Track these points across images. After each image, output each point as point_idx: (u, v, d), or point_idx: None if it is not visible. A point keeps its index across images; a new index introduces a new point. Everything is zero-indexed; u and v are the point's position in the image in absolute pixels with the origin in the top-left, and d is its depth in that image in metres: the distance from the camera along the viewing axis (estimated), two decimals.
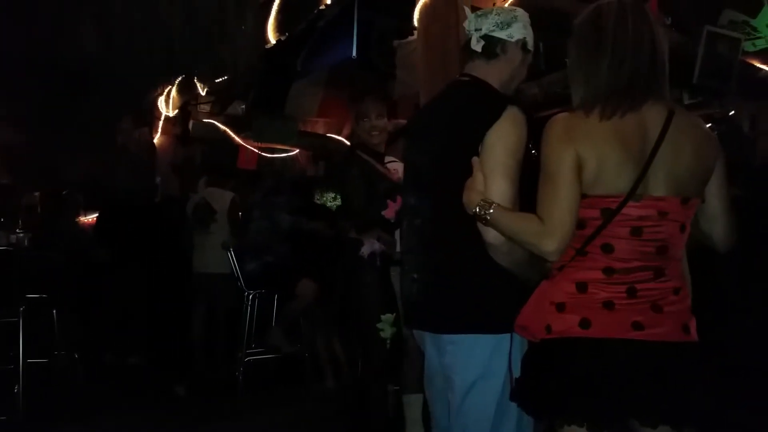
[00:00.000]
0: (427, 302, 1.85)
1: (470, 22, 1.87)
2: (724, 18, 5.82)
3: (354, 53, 3.95)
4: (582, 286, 1.52)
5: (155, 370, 4.89)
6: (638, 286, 1.50)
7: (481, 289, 1.75)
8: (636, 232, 1.49)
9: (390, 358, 2.74)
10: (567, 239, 1.48)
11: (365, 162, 2.85)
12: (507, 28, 1.84)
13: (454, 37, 2.86)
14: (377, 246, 2.77)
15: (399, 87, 4.39)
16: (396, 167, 2.96)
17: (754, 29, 5.93)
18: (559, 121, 1.54)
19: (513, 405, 1.70)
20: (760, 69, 4.80)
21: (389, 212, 2.78)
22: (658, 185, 1.50)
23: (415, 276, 1.89)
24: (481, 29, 1.84)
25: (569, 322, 1.51)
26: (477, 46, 1.84)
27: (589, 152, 1.47)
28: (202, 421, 3.92)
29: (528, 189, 1.63)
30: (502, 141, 1.68)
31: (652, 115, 1.51)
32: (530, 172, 1.65)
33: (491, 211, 1.59)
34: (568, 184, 1.47)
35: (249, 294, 4.62)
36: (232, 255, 4.66)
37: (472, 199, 1.63)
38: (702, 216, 1.61)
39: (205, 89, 5.92)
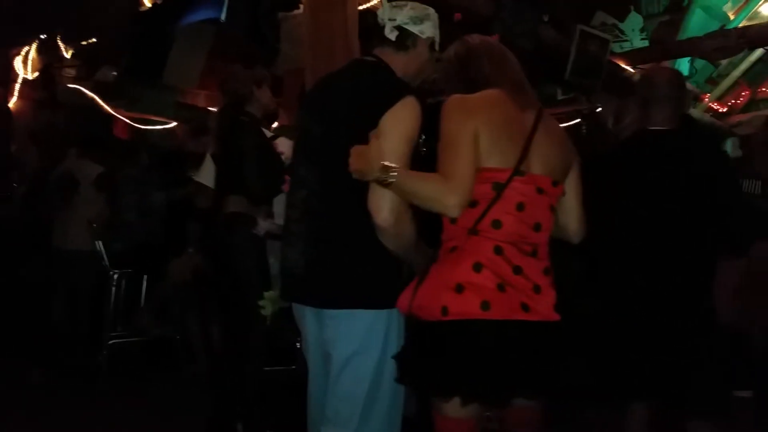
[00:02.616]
0: (309, 276, 1.83)
1: (384, 11, 1.90)
2: (596, 19, 6.20)
3: (223, 16, 3.75)
4: (478, 267, 1.61)
5: (7, 355, 4.48)
6: (522, 264, 1.62)
7: (362, 264, 1.76)
8: (520, 207, 1.63)
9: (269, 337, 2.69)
10: (468, 195, 1.58)
11: (261, 131, 2.73)
12: (420, 24, 1.88)
13: (341, 14, 2.82)
14: (272, 224, 2.67)
15: (283, 61, 4.26)
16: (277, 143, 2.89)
17: (622, 32, 6.37)
18: (458, 98, 1.70)
19: (387, 380, 1.76)
20: (625, 69, 5.13)
21: (288, 187, 2.69)
22: (535, 165, 1.68)
23: (298, 249, 1.86)
24: (395, 20, 1.87)
25: (470, 304, 1.58)
26: (391, 35, 1.87)
27: (484, 126, 1.63)
28: (58, 408, 3.63)
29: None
30: (397, 126, 1.70)
31: (526, 108, 1.75)
32: (419, 164, 1.71)
33: (394, 173, 1.59)
34: (467, 147, 1.60)
35: (114, 274, 4.35)
36: (96, 232, 4.35)
37: (372, 164, 1.61)
38: (560, 209, 1.78)
39: (70, 51, 5.46)
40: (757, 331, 3.14)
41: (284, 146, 3.17)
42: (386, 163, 1.61)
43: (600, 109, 5.99)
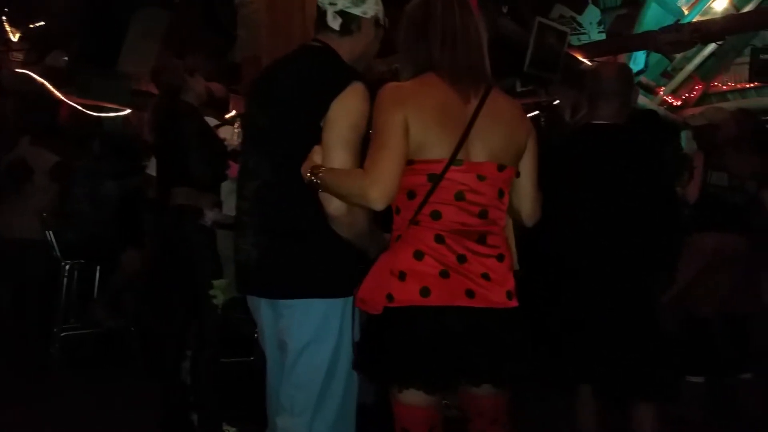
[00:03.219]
0: (263, 267, 1.80)
1: None
2: (555, 12, 6.28)
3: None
4: (419, 254, 1.59)
5: None
6: (467, 253, 1.59)
7: (317, 254, 1.74)
8: (459, 196, 1.59)
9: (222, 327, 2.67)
10: (392, 188, 1.55)
11: (202, 118, 2.69)
12: (361, 4, 1.82)
13: None
14: (219, 214, 2.63)
15: (241, 48, 4.18)
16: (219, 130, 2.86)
17: (580, 25, 6.47)
18: (391, 88, 1.64)
19: (342, 368, 1.77)
20: (582, 62, 5.20)
21: (233, 172, 2.65)
22: (476, 152, 1.62)
23: (250, 241, 1.83)
24: (336, 4, 1.81)
25: (410, 290, 1.58)
26: (334, 23, 1.82)
27: (415, 117, 1.58)
28: (7, 402, 3.51)
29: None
30: (345, 114, 1.68)
31: (470, 90, 1.65)
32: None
33: (320, 174, 1.60)
34: (394, 139, 1.56)
35: (66, 265, 4.23)
36: (47, 221, 4.22)
37: (304, 170, 1.64)
38: (513, 192, 1.75)
39: (18, 35, 5.26)
40: (715, 318, 3.24)
41: (227, 133, 3.13)
42: (314, 166, 1.61)
43: (558, 101, 6.08)
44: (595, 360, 2.24)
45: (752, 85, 6.89)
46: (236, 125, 3.28)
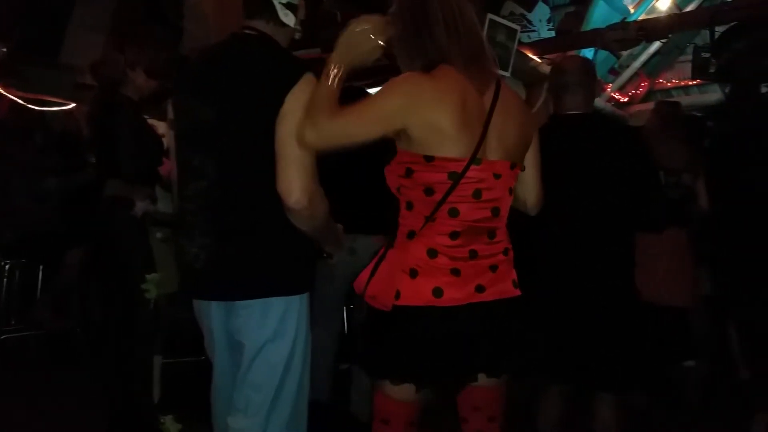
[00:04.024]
0: (215, 269, 1.76)
1: None
2: (506, 9, 6.34)
3: None
4: (432, 252, 1.58)
5: None
6: (477, 248, 1.60)
7: (273, 252, 1.72)
8: (477, 194, 1.59)
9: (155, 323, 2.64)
10: (328, 144, 1.55)
11: (136, 111, 2.65)
12: None
13: None
14: (150, 205, 2.60)
15: (188, 41, 4.08)
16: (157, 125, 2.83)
17: (530, 22, 6.56)
18: (410, 80, 1.57)
19: (297, 366, 1.76)
20: (532, 59, 5.27)
21: (166, 168, 2.61)
22: (492, 150, 1.61)
23: (198, 243, 1.78)
24: None
25: (422, 289, 1.57)
26: (287, 19, 1.78)
27: (431, 116, 1.53)
28: None
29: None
30: (300, 106, 1.63)
31: (484, 85, 1.62)
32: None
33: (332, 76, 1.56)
34: (376, 126, 1.54)
35: (6, 264, 4.11)
36: None
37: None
38: (520, 182, 1.75)
39: None
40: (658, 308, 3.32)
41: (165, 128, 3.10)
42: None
43: None
44: (573, 355, 2.28)
45: (695, 82, 7.10)
46: None
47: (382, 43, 1.60)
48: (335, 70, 1.57)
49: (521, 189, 1.79)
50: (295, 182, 1.59)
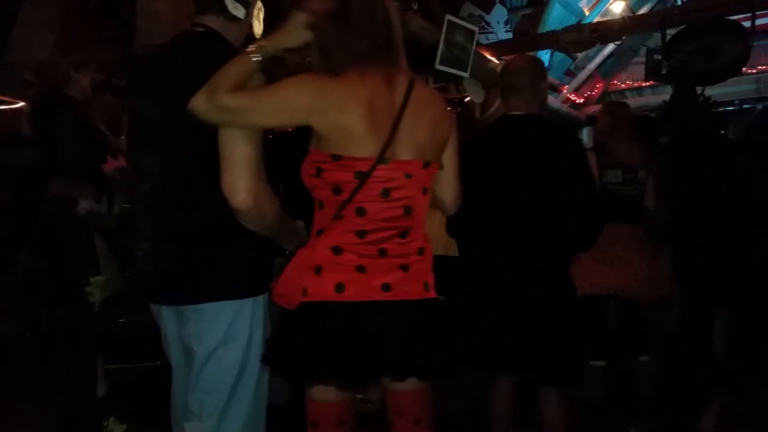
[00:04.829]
0: (164, 273, 1.72)
1: None
2: (464, 10, 6.41)
3: None
4: (337, 249, 1.57)
5: None
6: (387, 247, 1.59)
7: (225, 254, 1.68)
8: (385, 194, 1.58)
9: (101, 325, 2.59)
10: (217, 116, 1.50)
11: (78, 111, 2.60)
12: None
13: None
14: (93, 204, 2.54)
15: (141, 38, 3.98)
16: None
17: (488, 24, 6.63)
18: (320, 79, 1.56)
19: (252, 369, 1.72)
20: (490, 60, 5.33)
21: (109, 166, 2.57)
22: (403, 149, 1.59)
23: (147, 246, 1.74)
24: None
25: (325, 285, 1.55)
26: (238, 12, 1.75)
27: (338, 116, 1.52)
28: None
29: None
30: None
31: (396, 84, 1.60)
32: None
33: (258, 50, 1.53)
34: (277, 109, 1.53)
35: None
36: None
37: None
38: (437, 183, 1.75)
39: None
40: (612, 304, 3.40)
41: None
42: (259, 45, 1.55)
43: (469, 98, 6.21)
44: (513, 352, 2.31)
45: (648, 83, 7.30)
46: None
47: (307, 38, 1.59)
48: (256, 48, 1.55)
49: (439, 188, 1.77)
50: (239, 182, 1.55)
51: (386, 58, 1.60)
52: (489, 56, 5.46)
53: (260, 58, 1.55)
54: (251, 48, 1.56)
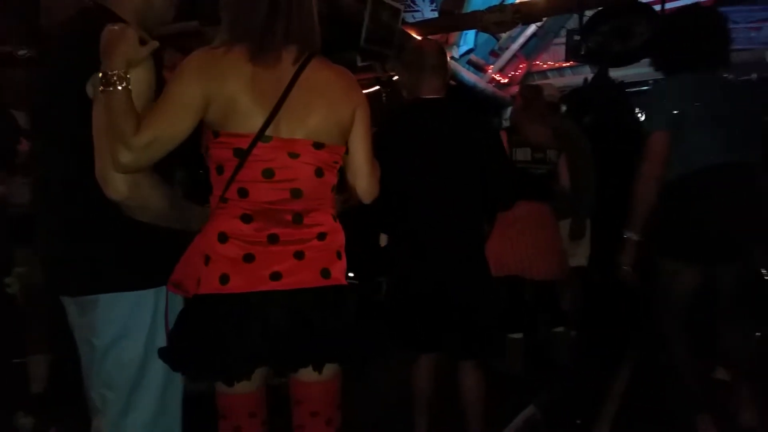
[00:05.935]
0: (61, 262, 1.64)
1: None
2: None
3: None
4: (223, 237, 1.50)
5: None
6: (279, 232, 1.51)
7: (119, 242, 1.59)
8: (268, 174, 1.50)
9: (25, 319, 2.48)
10: (146, 160, 1.41)
11: None
12: None
13: None
14: (5, 189, 2.43)
15: (44, 11, 3.77)
16: None
17: (414, 2, 6.66)
18: (199, 55, 1.49)
19: (158, 362, 1.62)
20: (416, 39, 5.35)
21: (24, 147, 2.45)
22: (290, 128, 1.52)
23: (44, 235, 1.67)
24: None
25: (212, 277, 1.49)
26: None
27: (220, 90, 1.45)
28: None
29: None
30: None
31: (289, 60, 1.54)
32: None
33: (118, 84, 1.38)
34: (180, 113, 1.43)
35: None
36: None
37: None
38: (347, 169, 1.69)
39: None
40: (528, 280, 3.52)
41: None
42: (112, 73, 1.38)
43: (397, 77, 6.23)
44: (436, 326, 2.36)
45: (568, 64, 7.51)
46: None
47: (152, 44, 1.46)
48: (115, 80, 1.38)
49: (350, 175, 1.70)
50: (111, 171, 1.43)
51: (285, 33, 1.52)
52: (414, 35, 5.49)
53: (125, 84, 1.39)
54: (108, 83, 1.39)
